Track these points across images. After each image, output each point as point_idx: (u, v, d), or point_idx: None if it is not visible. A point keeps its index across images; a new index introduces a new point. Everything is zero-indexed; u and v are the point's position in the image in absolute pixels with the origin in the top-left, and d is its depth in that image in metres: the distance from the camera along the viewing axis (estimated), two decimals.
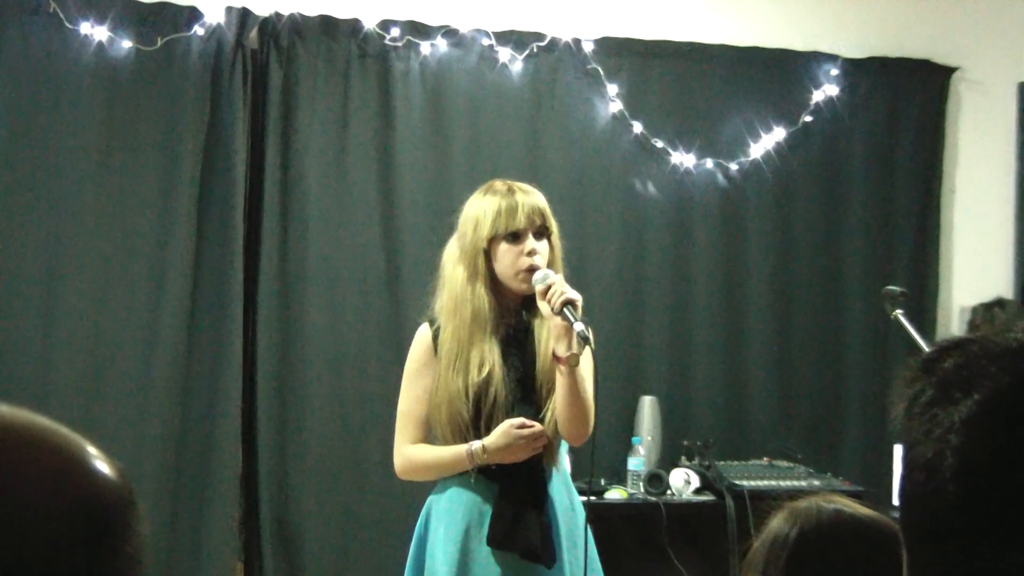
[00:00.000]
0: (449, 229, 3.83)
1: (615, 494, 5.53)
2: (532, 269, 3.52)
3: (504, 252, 3.56)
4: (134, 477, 1.01)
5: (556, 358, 3.45)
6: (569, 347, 3.41)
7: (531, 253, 3.54)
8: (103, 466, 0.98)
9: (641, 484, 5.54)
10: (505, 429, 3.49)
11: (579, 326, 3.34)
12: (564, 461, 3.75)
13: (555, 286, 3.42)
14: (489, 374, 3.54)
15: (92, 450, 0.99)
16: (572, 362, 3.41)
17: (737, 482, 5.48)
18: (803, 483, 5.52)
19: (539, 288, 3.46)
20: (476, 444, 3.52)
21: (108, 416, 5.28)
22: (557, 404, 3.49)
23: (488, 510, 3.54)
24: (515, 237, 3.56)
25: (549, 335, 3.51)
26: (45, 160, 5.30)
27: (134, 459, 5.12)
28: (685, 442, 5.79)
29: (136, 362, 5.34)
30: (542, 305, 3.45)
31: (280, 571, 5.46)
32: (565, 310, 3.38)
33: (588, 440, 3.53)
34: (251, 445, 5.47)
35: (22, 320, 5.26)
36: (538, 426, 3.50)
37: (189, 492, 5.38)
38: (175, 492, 5.35)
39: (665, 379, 5.93)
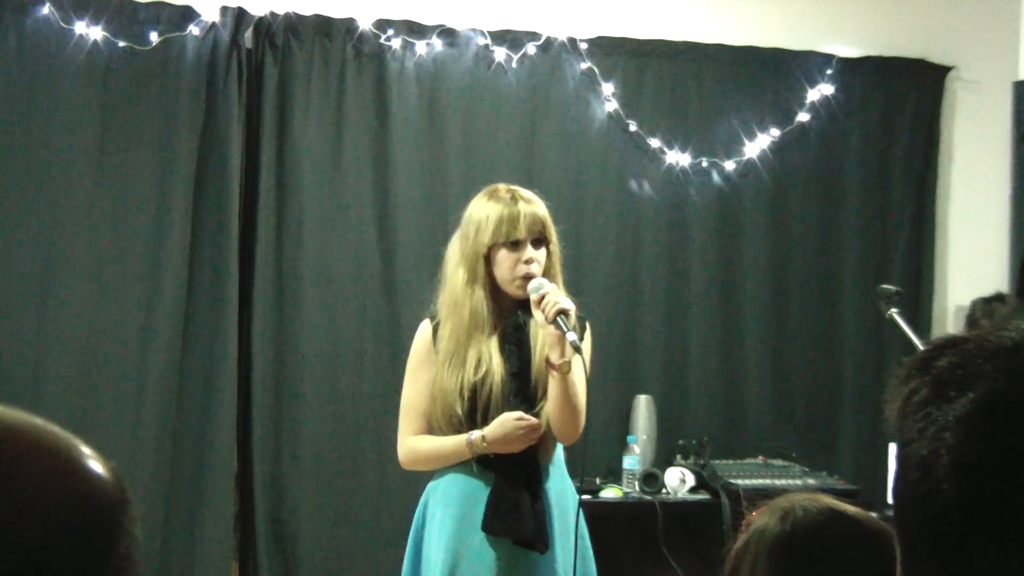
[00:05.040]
0: (444, 228, 3.88)
1: (610, 493, 5.53)
2: (528, 277, 3.64)
3: (503, 259, 3.68)
4: (129, 477, 1.01)
5: (549, 364, 3.58)
6: (562, 355, 3.54)
7: (528, 261, 3.66)
8: (96, 466, 0.98)
9: (636, 483, 5.54)
10: (504, 420, 3.61)
11: (571, 335, 3.48)
12: (559, 454, 3.84)
13: (549, 296, 3.55)
14: (486, 372, 3.66)
15: (85, 449, 0.98)
16: (564, 369, 3.55)
17: (732, 481, 5.49)
18: (798, 482, 5.52)
19: (534, 297, 3.59)
20: (476, 434, 3.64)
21: (103, 415, 5.27)
22: (549, 407, 3.63)
23: (484, 497, 3.65)
24: (515, 245, 3.67)
25: (544, 340, 3.64)
26: (41, 159, 5.29)
27: (129, 458, 5.12)
28: (680, 441, 5.80)
29: (131, 361, 5.34)
30: (536, 314, 3.58)
31: (275, 571, 5.46)
32: (558, 319, 3.51)
33: (580, 439, 3.67)
34: (246, 444, 5.47)
35: (17, 319, 5.25)
36: (535, 420, 3.62)
37: (184, 491, 5.37)
38: (170, 491, 5.35)
39: (661, 378, 5.93)
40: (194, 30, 5.43)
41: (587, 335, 3.77)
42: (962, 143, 6.34)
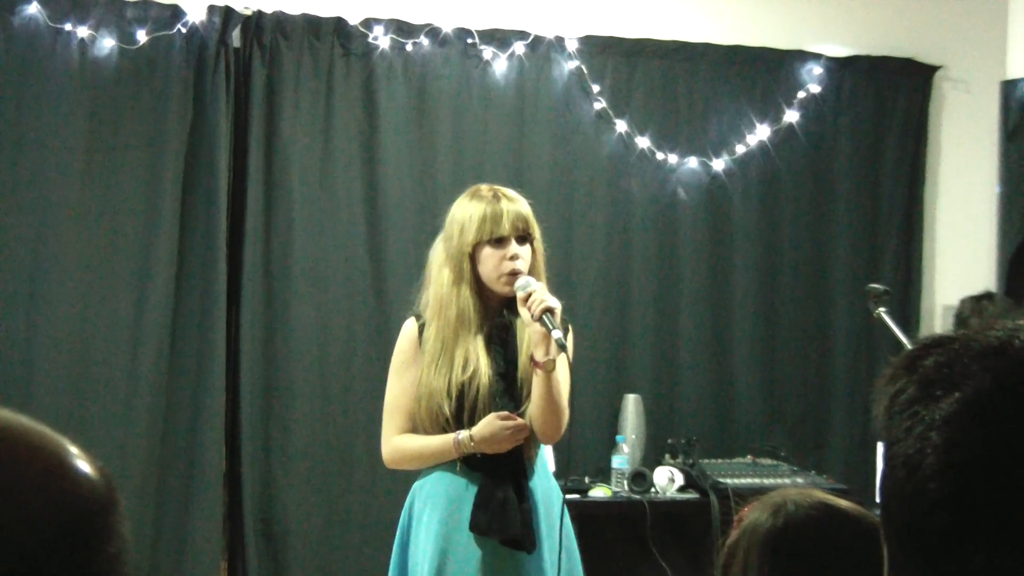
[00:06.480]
0: (433, 228, 3.89)
1: (599, 492, 5.54)
2: (514, 273, 3.65)
3: (488, 256, 3.68)
4: (118, 476, 1.01)
5: (534, 362, 3.58)
6: (547, 352, 3.54)
7: (513, 257, 3.66)
8: (84, 466, 0.98)
9: (625, 482, 5.55)
10: (490, 420, 3.61)
11: (556, 333, 3.49)
12: (544, 453, 3.84)
13: (535, 294, 3.55)
14: (474, 372, 3.66)
15: (73, 449, 0.98)
16: (549, 367, 3.56)
17: (721, 480, 5.49)
18: (787, 481, 5.53)
19: (520, 295, 3.59)
20: (464, 433, 3.63)
21: (92, 415, 5.27)
22: (532, 405, 3.63)
23: (470, 497, 3.65)
24: (499, 242, 3.68)
25: (529, 338, 3.63)
26: (29, 159, 5.28)
27: (118, 458, 5.12)
28: (669, 440, 5.80)
29: (120, 361, 5.33)
30: (523, 311, 3.58)
31: (264, 569, 5.46)
32: (544, 317, 3.51)
33: (565, 439, 3.69)
34: (235, 443, 5.46)
35: (6, 319, 5.24)
36: (521, 420, 3.62)
37: (173, 491, 5.37)
38: (159, 491, 5.35)
39: (650, 377, 5.94)
40: (181, 29, 5.42)
41: (569, 337, 3.77)
42: (950, 142, 6.36)
